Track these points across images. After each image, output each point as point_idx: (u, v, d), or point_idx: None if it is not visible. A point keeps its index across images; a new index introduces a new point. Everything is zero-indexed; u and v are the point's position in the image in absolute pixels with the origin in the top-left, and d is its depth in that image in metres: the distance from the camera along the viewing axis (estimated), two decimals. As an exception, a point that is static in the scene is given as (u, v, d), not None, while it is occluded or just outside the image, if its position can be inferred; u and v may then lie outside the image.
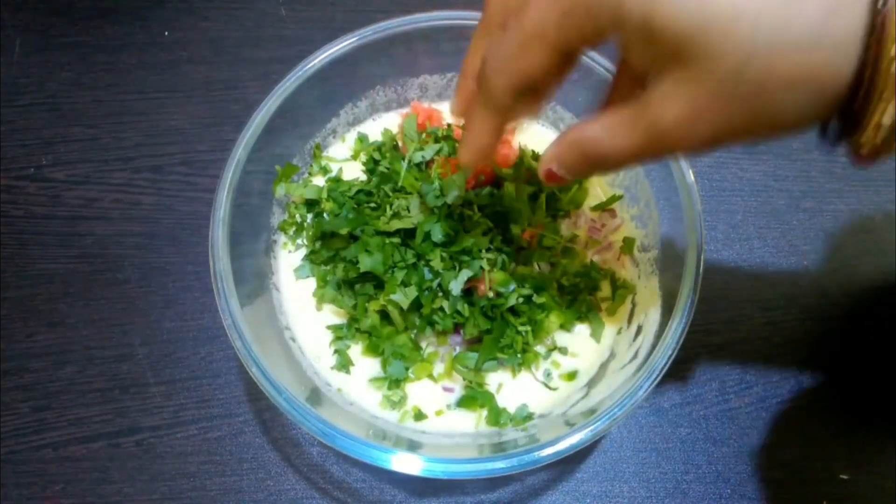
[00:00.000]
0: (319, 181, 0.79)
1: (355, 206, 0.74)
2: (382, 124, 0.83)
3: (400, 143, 0.80)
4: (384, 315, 0.70)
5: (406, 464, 0.58)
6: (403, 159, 0.77)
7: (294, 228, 0.77)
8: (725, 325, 0.83)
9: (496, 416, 0.68)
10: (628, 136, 0.42)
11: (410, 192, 0.73)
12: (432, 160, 0.76)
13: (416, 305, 0.68)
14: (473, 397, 0.69)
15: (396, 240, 0.70)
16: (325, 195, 0.76)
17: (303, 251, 0.77)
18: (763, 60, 0.35)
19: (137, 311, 0.83)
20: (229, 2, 1.00)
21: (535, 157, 0.78)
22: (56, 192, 0.89)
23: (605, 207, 0.78)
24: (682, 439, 0.78)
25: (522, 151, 0.78)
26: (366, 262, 0.67)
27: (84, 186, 0.89)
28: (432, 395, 0.71)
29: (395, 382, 0.69)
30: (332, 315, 0.74)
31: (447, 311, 0.68)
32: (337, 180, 0.79)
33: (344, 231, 0.71)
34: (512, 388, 0.71)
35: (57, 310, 0.83)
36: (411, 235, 0.70)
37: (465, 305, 0.69)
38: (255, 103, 0.70)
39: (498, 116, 0.49)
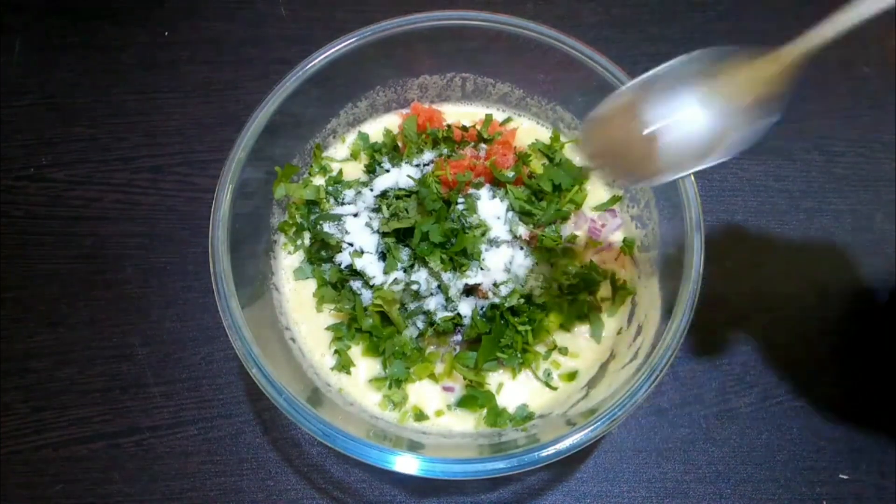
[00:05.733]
0: (319, 181, 0.79)
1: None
2: (382, 124, 0.83)
3: (400, 144, 0.80)
4: (384, 315, 0.70)
5: (406, 464, 0.58)
6: (403, 159, 0.77)
7: (294, 229, 0.77)
8: (725, 325, 0.83)
9: (496, 416, 0.68)
10: None
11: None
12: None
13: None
14: (474, 397, 0.69)
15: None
16: (323, 195, 0.77)
17: (302, 252, 0.77)
18: None
19: (137, 311, 0.83)
20: (229, 2, 1.00)
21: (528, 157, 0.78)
22: (56, 192, 0.89)
23: (605, 208, 0.78)
24: (682, 439, 0.78)
25: (521, 154, 0.78)
26: None
27: (84, 186, 0.89)
28: (432, 395, 0.71)
29: (397, 382, 0.69)
30: (332, 316, 0.74)
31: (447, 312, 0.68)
32: (337, 180, 0.79)
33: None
34: (512, 388, 0.71)
35: (57, 310, 0.83)
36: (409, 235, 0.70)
37: (465, 307, 0.69)
38: (255, 103, 0.70)
39: None
